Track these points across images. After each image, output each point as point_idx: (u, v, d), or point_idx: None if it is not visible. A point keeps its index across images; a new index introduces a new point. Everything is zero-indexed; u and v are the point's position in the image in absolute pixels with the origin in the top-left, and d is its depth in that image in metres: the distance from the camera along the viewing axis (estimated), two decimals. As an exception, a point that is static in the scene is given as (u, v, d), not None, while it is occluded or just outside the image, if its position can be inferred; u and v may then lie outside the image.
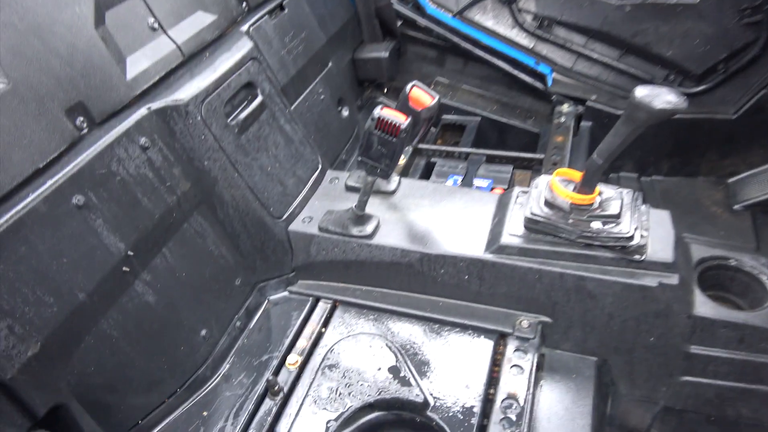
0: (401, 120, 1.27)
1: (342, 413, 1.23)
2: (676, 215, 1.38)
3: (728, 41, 2.01)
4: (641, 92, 1.11)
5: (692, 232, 1.93)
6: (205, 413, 1.30)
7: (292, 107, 1.76)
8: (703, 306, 1.30)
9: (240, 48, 1.54)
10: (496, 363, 1.33)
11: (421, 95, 1.33)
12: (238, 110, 1.47)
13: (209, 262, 1.40)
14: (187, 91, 1.35)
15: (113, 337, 1.16)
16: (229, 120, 1.43)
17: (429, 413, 1.23)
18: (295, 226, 1.53)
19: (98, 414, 1.13)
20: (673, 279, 1.26)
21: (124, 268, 1.17)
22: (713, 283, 1.42)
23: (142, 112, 1.27)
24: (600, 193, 1.33)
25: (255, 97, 1.52)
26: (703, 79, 2.10)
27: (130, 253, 1.18)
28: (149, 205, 1.25)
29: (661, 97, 1.10)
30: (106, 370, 1.16)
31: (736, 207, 2.08)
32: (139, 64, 1.32)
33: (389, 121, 1.27)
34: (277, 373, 1.34)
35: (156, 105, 1.29)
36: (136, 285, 1.20)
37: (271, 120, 1.56)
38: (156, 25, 1.39)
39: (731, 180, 2.15)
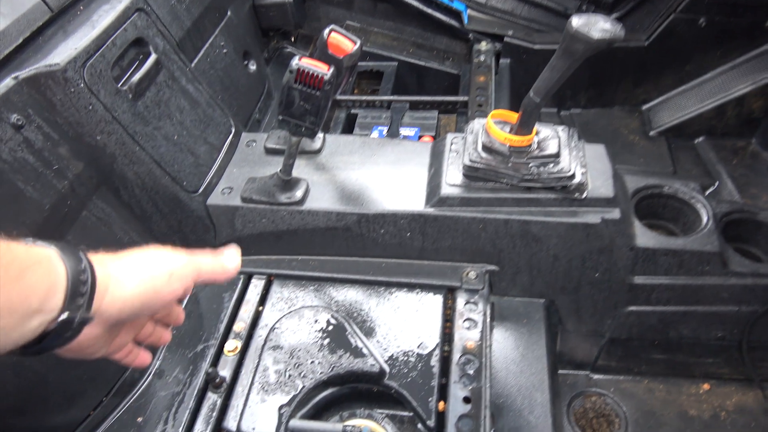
0: (324, 70, 1.13)
1: (294, 396, 1.14)
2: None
3: (637, -34, 2.01)
4: (577, 22, 1.04)
5: (614, 162, 1.97)
6: (139, 419, 1.16)
7: (192, 65, 1.55)
8: (644, 236, 1.31)
9: (121, -2, 1.31)
10: (447, 319, 1.28)
11: (342, 41, 1.19)
12: (130, 72, 1.26)
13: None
14: (62, 53, 1.12)
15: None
16: (119, 85, 1.22)
17: (386, 381, 1.17)
18: (215, 199, 1.37)
19: (9, 445, 0.97)
20: (615, 213, 1.25)
21: (15, 274, 0.98)
22: (647, 212, 1.43)
23: (8, 83, 1.04)
24: (537, 133, 1.28)
25: (147, 55, 1.31)
26: (614, 7, 2.10)
27: (19, 254, 0.98)
28: (35, 195, 1.04)
29: (597, 26, 1.04)
30: (11, 394, 0.98)
31: (651, 133, 2.14)
32: (-6, 23, 1.08)
33: (311, 73, 1.12)
34: (215, 363, 1.21)
35: (25, 73, 1.07)
36: (33, 291, 1.02)
37: (170, 81, 1.36)
38: (10, -25, 1.14)
39: (645, 107, 2.21)
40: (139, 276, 0.70)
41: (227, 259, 0.84)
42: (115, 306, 0.69)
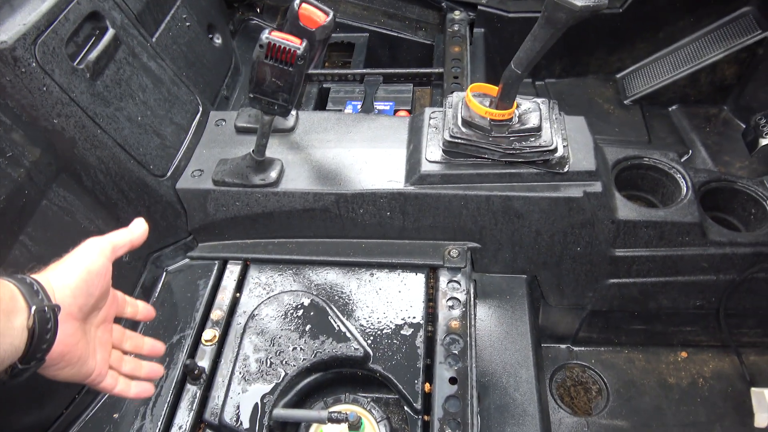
0: (296, 44, 1.07)
1: (277, 384, 1.11)
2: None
3: (612, -70, 1.96)
4: (560, -10, 1.00)
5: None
6: (115, 415, 1.11)
7: (153, 39, 1.46)
8: (625, 209, 1.30)
9: (72, -32, 1.21)
10: (430, 299, 1.26)
11: (314, 12, 1.13)
12: (86, 50, 1.18)
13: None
14: (9, 30, 1.03)
15: (-25, 359, 0.91)
16: (75, 63, 1.14)
17: (371, 365, 1.14)
18: (184, 182, 1.31)
19: (-23, 451, 0.92)
20: (597, 186, 1.24)
21: (-29, 272, 0.91)
22: (625, 184, 1.43)
23: (-50, 64, 0.96)
24: (518, 106, 1.25)
25: (104, 30, 1.22)
26: (589, -27, 2.05)
27: (-25, 251, 0.92)
28: (-11, 186, 0.97)
29: (580, -6, 1.01)
30: (-26, 399, 0.93)
31: (626, 102, 2.13)
32: (-69, -2, 0.99)
33: (282, 47, 1.06)
34: (193, 353, 1.17)
35: None
36: (-8, 289, 0.95)
37: (130, 58, 1.28)
38: (-55, -57, 1.03)
39: (619, 75, 2.20)
40: (68, 265, 0.78)
41: (133, 228, 0.91)
42: (66, 293, 0.75)
